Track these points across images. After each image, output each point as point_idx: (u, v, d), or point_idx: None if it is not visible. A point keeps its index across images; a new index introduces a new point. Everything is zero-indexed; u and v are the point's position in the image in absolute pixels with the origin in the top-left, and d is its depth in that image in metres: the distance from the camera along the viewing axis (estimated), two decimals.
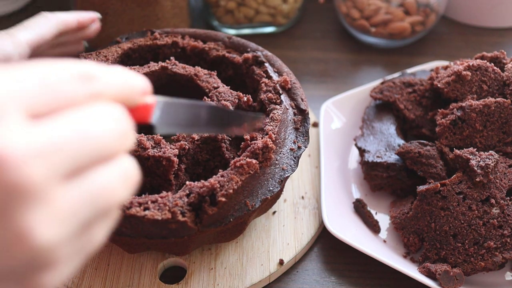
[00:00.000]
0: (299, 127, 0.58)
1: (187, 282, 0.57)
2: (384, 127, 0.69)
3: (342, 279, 0.60)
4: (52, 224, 0.25)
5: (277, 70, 0.63)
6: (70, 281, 0.56)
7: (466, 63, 0.65)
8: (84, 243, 0.27)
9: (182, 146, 0.54)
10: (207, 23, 0.94)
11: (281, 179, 0.54)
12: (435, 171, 0.61)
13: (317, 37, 0.94)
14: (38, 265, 0.25)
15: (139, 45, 0.66)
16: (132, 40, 0.66)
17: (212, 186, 0.50)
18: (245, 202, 0.51)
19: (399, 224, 0.61)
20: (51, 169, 0.24)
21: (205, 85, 0.60)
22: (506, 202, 0.57)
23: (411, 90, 0.71)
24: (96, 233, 0.28)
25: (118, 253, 0.59)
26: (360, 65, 0.88)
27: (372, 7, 0.85)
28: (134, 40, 0.66)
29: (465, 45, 0.91)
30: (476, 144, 0.62)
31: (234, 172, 0.51)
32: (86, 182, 0.26)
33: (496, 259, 0.55)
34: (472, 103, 0.61)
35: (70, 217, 0.25)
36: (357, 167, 0.70)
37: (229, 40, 0.66)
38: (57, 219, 0.25)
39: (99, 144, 0.26)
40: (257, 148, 0.53)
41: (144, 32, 0.68)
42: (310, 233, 0.62)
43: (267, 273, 0.58)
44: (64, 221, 0.25)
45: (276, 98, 0.59)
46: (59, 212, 0.25)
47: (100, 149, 0.26)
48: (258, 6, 0.88)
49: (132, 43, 0.66)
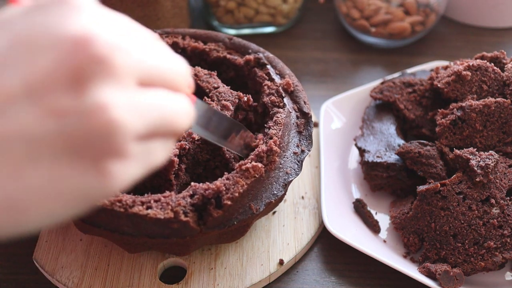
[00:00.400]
0: (302, 131, 0.58)
1: (187, 282, 0.57)
2: (384, 127, 0.69)
3: (342, 279, 0.60)
4: (128, 110, 0.28)
5: (279, 72, 0.63)
6: (70, 281, 0.57)
7: (466, 63, 0.65)
8: (147, 152, 0.30)
9: (182, 146, 0.54)
10: (207, 23, 0.94)
11: (285, 182, 0.54)
12: (435, 171, 0.61)
13: (317, 37, 0.94)
14: (109, 146, 0.27)
15: None
16: None
17: (218, 188, 0.50)
18: (250, 206, 0.51)
19: (399, 224, 0.61)
20: (136, 66, 0.29)
21: (205, 85, 0.60)
22: (506, 202, 0.57)
23: (411, 90, 0.71)
24: (157, 148, 0.31)
25: (118, 253, 0.59)
26: (360, 65, 0.88)
27: (372, 7, 0.85)
28: None
29: (465, 45, 0.91)
30: (476, 144, 0.62)
31: (239, 175, 0.51)
32: (159, 95, 0.31)
33: (496, 259, 0.55)
34: (472, 103, 0.61)
35: (142, 113, 0.29)
36: (357, 167, 0.70)
37: (230, 41, 0.66)
38: (133, 108, 0.28)
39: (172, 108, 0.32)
40: (261, 151, 0.53)
41: None
42: (310, 233, 0.62)
43: (267, 273, 0.58)
44: (137, 114, 0.28)
45: (279, 101, 0.59)
46: (135, 103, 0.28)
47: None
48: (258, 6, 0.88)
49: None
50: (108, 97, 0.27)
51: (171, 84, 0.32)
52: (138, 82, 0.30)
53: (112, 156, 0.28)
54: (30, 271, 0.60)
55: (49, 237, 0.61)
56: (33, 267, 0.60)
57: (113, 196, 0.29)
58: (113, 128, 0.27)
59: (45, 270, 0.58)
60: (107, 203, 0.48)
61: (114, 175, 0.28)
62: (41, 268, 0.58)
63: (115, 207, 0.48)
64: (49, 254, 0.59)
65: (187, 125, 0.33)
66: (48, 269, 0.58)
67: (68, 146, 0.27)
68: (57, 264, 0.58)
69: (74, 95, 0.26)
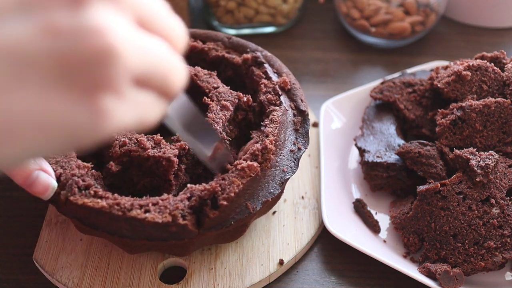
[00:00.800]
0: (299, 128, 0.58)
1: (187, 282, 0.57)
2: (384, 127, 0.69)
3: (342, 279, 0.60)
4: (128, 42, 0.26)
5: (277, 71, 0.63)
6: (70, 281, 0.57)
7: (466, 63, 0.65)
8: (139, 102, 0.28)
9: (182, 146, 0.54)
10: (207, 23, 0.94)
11: (282, 181, 0.54)
12: (435, 171, 0.61)
13: (317, 37, 0.94)
14: (105, 75, 0.25)
15: None
16: None
17: (213, 189, 0.50)
18: (246, 205, 0.51)
19: (399, 224, 0.61)
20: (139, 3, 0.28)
21: (205, 85, 0.60)
22: (506, 202, 0.57)
23: (411, 90, 0.71)
24: (149, 102, 0.29)
25: (118, 253, 0.59)
26: (360, 65, 0.88)
27: (372, 7, 0.85)
28: None
29: (465, 45, 0.91)
30: (476, 144, 0.62)
31: (235, 175, 0.51)
32: (159, 43, 0.29)
33: (496, 259, 0.55)
34: (472, 103, 0.61)
35: (141, 52, 0.27)
36: (357, 167, 0.70)
37: (229, 40, 0.66)
38: (132, 44, 0.26)
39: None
40: (256, 150, 0.53)
41: None
42: (310, 233, 0.62)
43: (267, 273, 0.58)
44: (136, 51, 0.27)
45: (275, 100, 0.59)
46: (135, 40, 0.27)
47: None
48: (258, 6, 0.88)
49: None
50: (109, 20, 0.25)
51: (169, 37, 0.30)
52: (138, 22, 0.28)
53: (107, 89, 0.26)
54: (30, 271, 0.60)
55: (49, 237, 0.61)
56: (33, 267, 0.60)
57: (101, 137, 0.27)
58: (111, 55, 0.25)
59: (45, 270, 0.58)
60: (105, 206, 0.48)
61: (107, 112, 0.26)
62: (41, 268, 0.58)
63: (113, 210, 0.48)
64: (49, 254, 0.59)
65: (179, 87, 0.31)
66: (48, 269, 0.58)
67: (60, 70, 0.24)
68: (57, 264, 0.58)
69: (72, 12, 0.24)
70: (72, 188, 0.50)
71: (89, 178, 0.52)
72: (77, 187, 0.50)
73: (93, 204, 0.49)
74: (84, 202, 0.49)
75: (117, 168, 0.54)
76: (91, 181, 0.51)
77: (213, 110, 0.57)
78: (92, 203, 0.49)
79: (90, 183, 0.51)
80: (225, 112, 0.57)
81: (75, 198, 0.50)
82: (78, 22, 0.24)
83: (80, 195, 0.50)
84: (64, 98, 0.25)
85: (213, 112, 0.57)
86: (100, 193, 0.50)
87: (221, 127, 0.56)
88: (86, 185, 0.51)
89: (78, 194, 0.50)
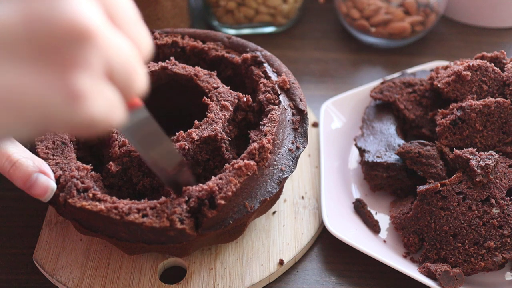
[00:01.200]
0: (298, 128, 0.58)
1: (187, 282, 0.57)
2: (384, 127, 0.69)
3: (342, 279, 0.60)
4: (103, 31, 0.27)
5: (276, 70, 0.63)
6: (70, 281, 0.57)
7: (466, 63, 0.65)
8: (107, 95, 0.28)
9: (181, 146, 0.54)
10: (207, 23, 0.94)
11: (280, 180, 0.54)
12: (435, 171, 0.61)
13: (317, 37, 0.94)
14: (82, 54, 0.26)
15: None
16: None
17: (210, 189, 0.49)
18: (244, 204, 0.51)
19: (399, 224, 0.61)
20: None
21: (205, 85, 0.60)
22: (506, 202, 0.57)
23: (411, 90, 0.71)
24: (114, 100, 0.29)
25: (118, 253, 0.59)
26: (360, 65, 0.88)
27: (372, 7, 0.85)
28: None
29: (465, 45, 0.91)
30: (476, 144, 0.62)
31: (232, 174, 0.51)
32: (128, 45, 0.29)
33: (496, 259, 0.55)
34: (472, 103, 0.61)
35: (112, 45, 0.27)
36: (357, 167, 0.70)
37: (229, 40, 0.66)
38: (106, 34, 0.27)
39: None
40: (253, 149, 0.53)
41: None
42: (310, 233, 0.62)
43: (267, 273, 0.58)
44: (109, 42, 0.27)
45: (274, 99, 0.59)
46: (107, 32, 0.27)
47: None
48: (258, 6, 0.88)
49: None
50: (87, 7, 0.26)
51: (137, 42, 0.31)
52: (111, 19, 0.28)
53: (82, 68, 0.26)
54: (30, 271, 0.60)
55: (49, 237, 0.61)
56: (33, 267, 0.60)
57: (75, 122, 0.27)
58: (88, 36, 0.25)
59: (45, 270, 0.58)
60: (103, 209, 0.48)
61: (80, 93, 0.26)
62: (41, 268, 0.58)
63: (111, 214, 0.48)
64: (49, 254, 0.59)
65: (140, 91, 0.31)
66: (48, 269, 0.58)
67: (37, 50, 0.25)
68: (57, 264, 0.58)
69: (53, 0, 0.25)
70: (71, 191, 0.50)
71: (89, 180, 0.52)
72: (76, 189, 0.50)
73: (91, 207, 0.49)
74: (83, 205, 0.49)
75: (117, 168, 0.54)
76: (90, 183, 0.51)
77: (212, 110, 0.57)
78: (90, 206, 0.49)
79: (89, 185, 0.51)
80: (225, 112, 0.57)
81: (73, 200, 0.50)
82: (57, 7, 0.25)
83: (79, 197, 0.50)
84: (38, 78, 0.25)
85: (213, 112, 0.57)
86: (98, 195, 0.50)
87: (221, 127, 0.56)
88: (85, 187, 0.51)
89: (77, 196, 0.50)
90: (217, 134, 0.55)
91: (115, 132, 0.56)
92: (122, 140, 0.54)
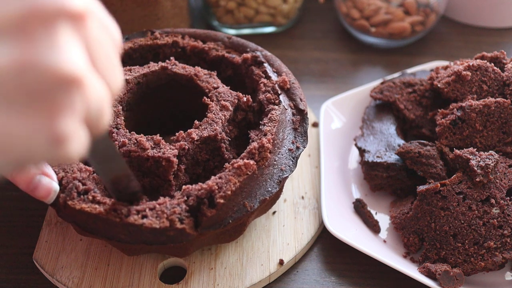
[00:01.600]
0: (298, 127, 0.58)
1: (187, 282, 0.57)
2: (384, 127, 0.69)
3: (342, 279, 0.60)
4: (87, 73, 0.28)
5: (276, 70, 0.63)
6: (70, 281, 0.56)
7: (466, 63, 0.65)
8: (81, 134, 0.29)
9: (181, 146, 0.54)
10: (207, 23, 0.94)
11: (280, 179, 0.54)
12: (435, 171, 0.61)
13: (317, 37, 0.94)
14: (70, 100, 0.27)
15: (139, 44, 0.66)
16: (132, 40, 0.66)
17: (210, 188, 0.49)
18: (244, 204, 0.51)
19: (399, 224, 0.61)
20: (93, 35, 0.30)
21: (205, 85, 0.60)
22: (506, 202, 0.57)
23: (411, 90, 0.71)
24: (84, 137, 0.30)
25: (118, 253, 0.59)
26: (360, 65, 0.88)
27: (372, 7, 0.85)
28: (135, 40, 0.66)
29: (465, 45, 0.91)
30: (476, 144, 0.62)
31: (232, 173, 0.51)
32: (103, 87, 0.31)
33: (496, 259, 0.55)
34: (472, 103, 0.61)
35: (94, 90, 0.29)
36: (357, 167, 0.70)
37: (229, 40, 0.66)
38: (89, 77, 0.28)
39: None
40: (253, 148, 0.53)
41: (144, 32, 0.68)
42: (310, 233, 0.62)
43: (267, 273, 0.58)
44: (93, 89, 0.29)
45: (274, 99, 0.59)
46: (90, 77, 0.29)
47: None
48: (258, 6, 0.88)
49: (133, 43, 0.66)
50: (75, 55, 0.27)
51: (110, 83, 0.32)
52: (90, 58, 0.29)
53: (68, 113, 0.27)
54: (30, 271, 0.60)
55: (49, 237, 0.61)
56: (33, 267, 0.60)
57: (51, 162, 0.29)
58: (76, 83, 0.27)
59: (45, 270, 0.58)
60: (102, 212, 0.48)
61: (65, 137, 0.27)
62: (41, 268, 0.58)
63: (110, 216, 0.48)
64: (49, 254, 0.59)
65: (104, 130, 0.33)
66: (48, 269, 0.58)
67: (27, 96, 0.26)
68: (57, 264, 0.58)
69: (47, 48, 0.26)
70: (72, 192, 0.50)
71: (90, 181, 0.52)
72: (76, 191, 0.50)
73: (90, 209, 0.49)
74: (82, 207, 0.49)
75: None
76: (91, 185, 0.51)
77: (212, 110, 0.57)
78: (89, 208, 0.49)
79: (89, 187, 0.51)
80: (225, 112, 0.57)
81: (73, 202, 0.50)
82: (50, 54, 0.26)
83: (79, 199, 0.50)
84: (26, 121, 0.26)
85: (213, 112, 0.57)
86: (98, 198, 0.50)
87: (221, 127, 0.56)
88: (85, 189, 0.51)
89: (77, 198, 0.50)
90: (217, 134, 0.55)
91: (115, 133, 0.56)
92: (122, 141, 0.54)
